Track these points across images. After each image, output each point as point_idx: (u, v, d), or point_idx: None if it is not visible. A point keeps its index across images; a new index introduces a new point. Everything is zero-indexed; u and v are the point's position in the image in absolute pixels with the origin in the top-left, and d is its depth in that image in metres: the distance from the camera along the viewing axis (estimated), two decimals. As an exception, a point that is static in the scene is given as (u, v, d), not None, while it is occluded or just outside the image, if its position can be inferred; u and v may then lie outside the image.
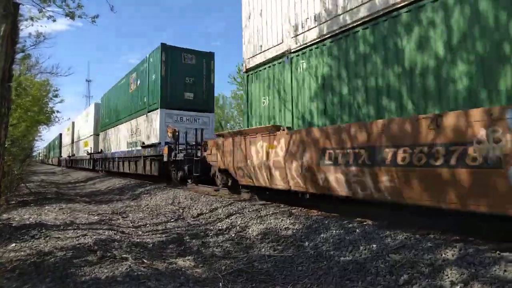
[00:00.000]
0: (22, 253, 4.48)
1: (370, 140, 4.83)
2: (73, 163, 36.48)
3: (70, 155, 36.95)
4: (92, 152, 25.74)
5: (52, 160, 61.06)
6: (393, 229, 4.62)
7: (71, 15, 6.83)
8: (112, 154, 20.55)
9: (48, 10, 7.05)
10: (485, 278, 3.04)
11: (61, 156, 46.36)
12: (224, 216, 6.98)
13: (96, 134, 25.73)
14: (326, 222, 5.32)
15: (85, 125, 30.03)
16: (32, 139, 24.27)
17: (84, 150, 29.16)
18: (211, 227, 6.48)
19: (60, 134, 47.93)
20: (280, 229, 5.54)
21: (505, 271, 3.08)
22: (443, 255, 3.59)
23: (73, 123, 36.81)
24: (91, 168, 26.54)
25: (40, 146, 70.11)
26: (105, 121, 23.03)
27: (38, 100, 16.24)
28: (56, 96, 19.42)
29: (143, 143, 14.93)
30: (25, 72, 15.36)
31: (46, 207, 8.86)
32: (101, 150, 23.21)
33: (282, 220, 5.87)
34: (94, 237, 5.30)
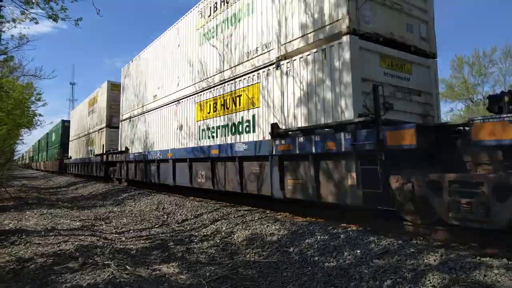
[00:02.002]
0: (1, 260, 4.38)
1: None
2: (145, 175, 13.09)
3: (105, 151, 18.04)
4: None
5: (43, 165, 42.32)
6: (377, 235, 4.67)
7: (54, 17, 6.72)
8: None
9: (31, 12, 6.91)
10: (465, 283, 3.10)
11: (69, 157, 28.63)
12: (209, 222, 6.94)
13: None
14: (311, 227, 5.34)
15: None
16: (13, 143, 23.68)
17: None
18: (196, 233, 6.43)
19: (64, 121, 33.62)
20: (266, 235, 5.53)
21: (485, 275, 3.14)
22: (426, 260, 3.65)
23: (110, 84, 19.16)
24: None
25: (22, 149, 67.86)
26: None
27: (20, 103, 15.93)
28: (39, 99, 19.05)
29: None
30: (7, 75, 15.06)
31: (27, 212, 8.67)
32: None
33: (268, 225, 5.86)
34: (76, 243, 5.21)
